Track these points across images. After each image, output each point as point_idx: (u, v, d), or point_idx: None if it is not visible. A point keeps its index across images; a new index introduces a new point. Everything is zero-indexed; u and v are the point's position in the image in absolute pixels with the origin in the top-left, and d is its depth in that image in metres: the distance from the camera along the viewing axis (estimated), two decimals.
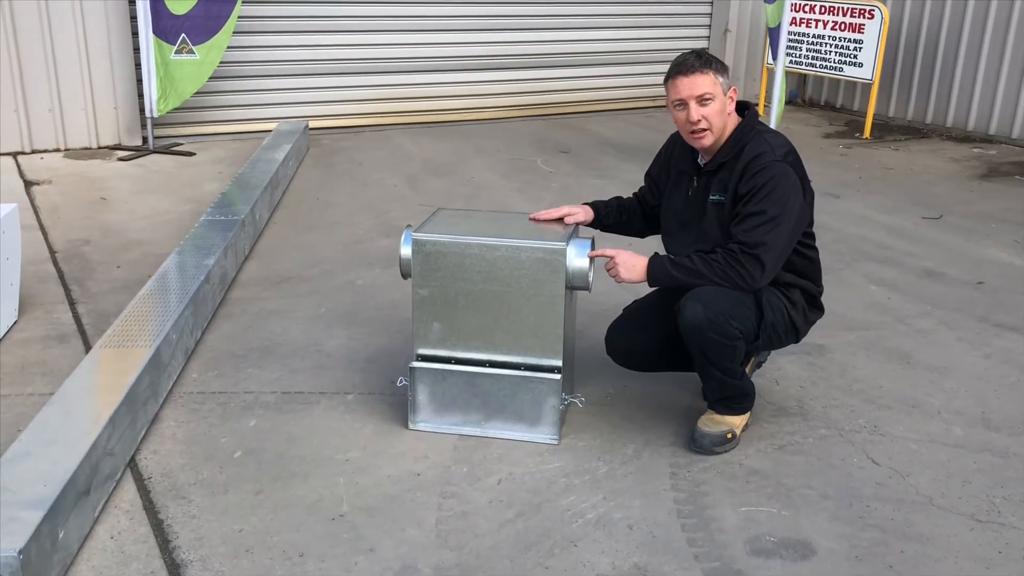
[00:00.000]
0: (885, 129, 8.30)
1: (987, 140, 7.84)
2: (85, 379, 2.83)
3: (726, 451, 2.84)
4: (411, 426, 2.94)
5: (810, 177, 2.83)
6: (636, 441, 2.91)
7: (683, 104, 2.73)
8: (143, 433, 2.86)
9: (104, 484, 2.51)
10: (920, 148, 7.59)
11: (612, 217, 3.13)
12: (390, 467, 2.75)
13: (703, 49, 2.91)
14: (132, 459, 2.75)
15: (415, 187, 6.03)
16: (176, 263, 3.88)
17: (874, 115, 8.07)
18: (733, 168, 2.74)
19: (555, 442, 2.87)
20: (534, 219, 3.00)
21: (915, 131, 8.28)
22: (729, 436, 2.85)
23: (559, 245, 2.76)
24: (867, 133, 7.99)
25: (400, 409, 3.06)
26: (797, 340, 2.91)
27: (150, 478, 2.67)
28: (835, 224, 5.18)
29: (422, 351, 2.92)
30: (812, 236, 2.87)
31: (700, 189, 2.86)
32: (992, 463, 2.82)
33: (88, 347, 3.49)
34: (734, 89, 2.79)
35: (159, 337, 3.09)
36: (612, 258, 2.77)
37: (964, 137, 7.98)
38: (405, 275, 2.92)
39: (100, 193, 5.66)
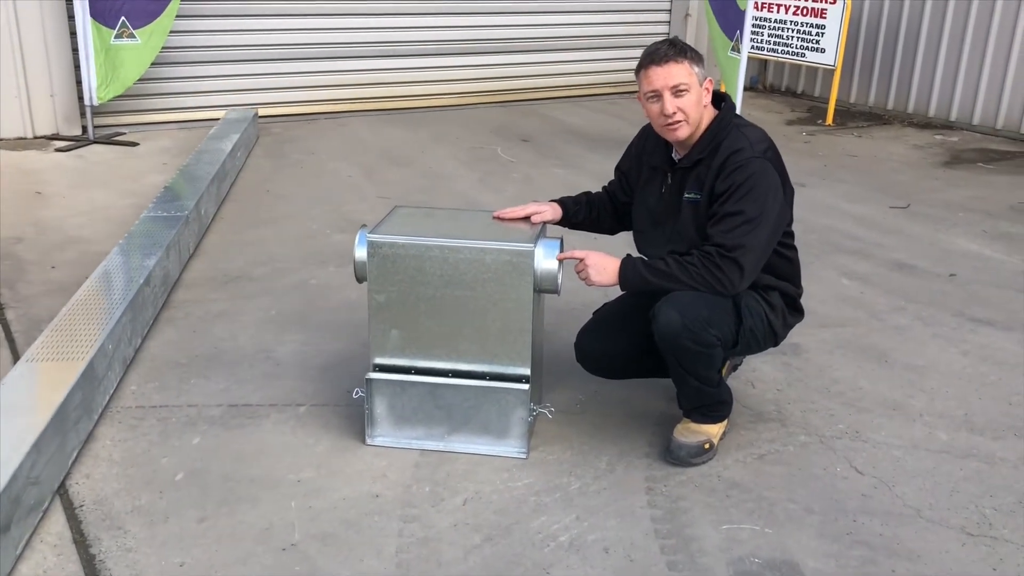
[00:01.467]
0: (847, 115, 8.23)
1: (948, 126, 7.80)
2: (8, 398, 2.57)
3: (704, 462, 2.69)
4: (369, 441, 2.74)
5: None
6: (609, 453, 2.74)
7: (657, 95, 2.55)
8: (74, 455, 2.62)
9: (28, 517, 2.27)
10: (883, 135, 7.52)
11: (581, 214, 2.95)
12: (346, 488, 2.55)
13: (676, 37, 2.72)
14: (62, 485, 2.51)
15: (371, 178, 5.80)
16: (114, 264, 3.63)
17: (836, 101, 7.99)
18: (710, 164, 2.57)
19: (523, 456, 2.69)
20: (498, 217, 2.81)
21: (877, 117, 8.22)
22: (707, 446, 2.69)
23: (526, 246, 2.57)
24: (830, 120, 7.91)
25: (357, 422, 2.86)
26: (776, 344, 2.76)
27: (81, 506, 2.44)
28: (803, 214, 5.02)
29: (379, 360, 2.72)
30: (791, 236, 2.72)
31: (674, 186, 2.69)
32: (978, 470, 2.70)
33: (17, 358, 3.23)
34: (710, 80, 2.62)
35: (93, 348, 2.85)
36: (582, 260, 2.59)
37: (925, 123, 7.93)
38: (360, 279, 2.71)
39: (35, 187, 5.34)
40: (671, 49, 2.55)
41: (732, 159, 2.53)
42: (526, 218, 2.81)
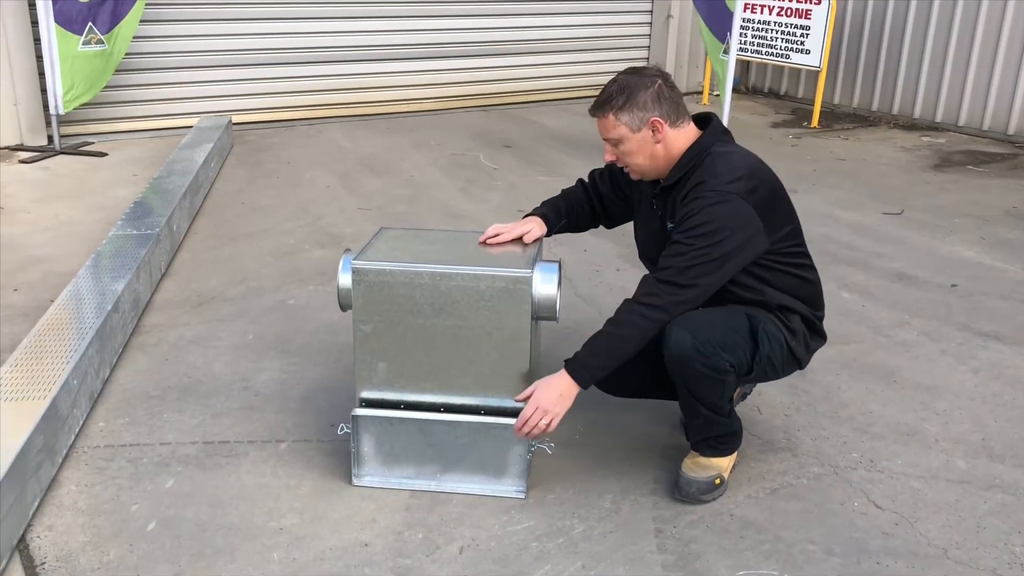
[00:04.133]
0: (832, 117, 8.12)
1: (934, 128, 7.71)
2: None
3: (714, 499, 2.53)
4: (355, 482, 2.56)
5: None
6: (613, 490, 2.57)
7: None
8: (36, 504, 2.42)
9: None
10: (870, 137, 7.42)
11: (564, 223, 2.78)
12: (333, 536, 2.36)
13: (625, 74, 2.47)
14: (22, 539, 2.31)
15: (351, 188, 5.60)
16: (81, 288, 3.41)
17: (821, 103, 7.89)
18: (679, 193, 2.44)
19: (522, 496, 2.51)
20: (487, 243, 2.61)
21: (862, 119, 8.12)
22: (717, 482, 2.53)
23: (524, 272, 2.39)
24: (815, 122, 7.80)
25: (342, 459, 2.67)
26: (801, 368, 2.59)
27: (43, 564, 2.23)
28: None
29: (366, 394, 2.54)
30: (807, 256, 2.56)
31: (658, 211, 2.55)
32: (1004, 502, 2.56)
33: None
34: (654, 121, 2.39)
35: (56, 385, 2.64)
36: (535, 417, 2.34)
37: (911, 125, 7.84)
38: (344, 307, 2.52)
39: None
40: (598, 100, 2.43)
41: (693, 191, 2.38)
42: (517, 239, 2.63)
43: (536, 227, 2.64)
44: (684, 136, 2.45)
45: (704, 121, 2.52)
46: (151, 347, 3.42)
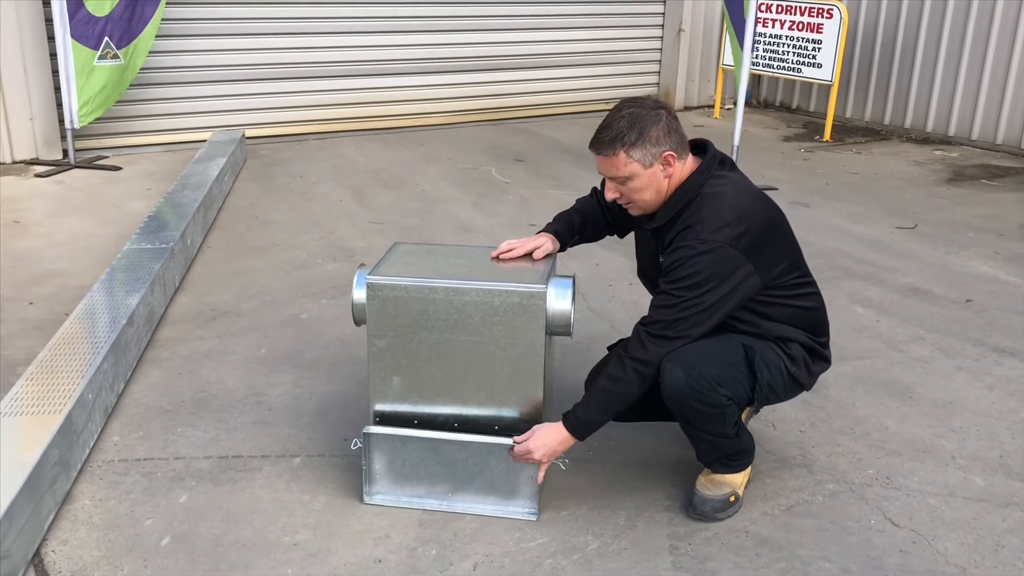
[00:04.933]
0: (844, 131, 8.11)
1: (947, 141, 7.69)
2: None
3: (729, 516, 2.51)
4: (367, 500, 2.55)
5: (776, 184, 2.51)
6: (627, 507, 2.56)
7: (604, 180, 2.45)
8: (51, 519, 2.42)
9: None
10: (882, 151, 7.40)
11: (577, 238, 2.76)
12: (346, 552, 2.35)
13: (628, 107, 2.34)
14: (36, 554, 2.31)
15: (363, 202, 5.62)
16: (95, 302, 3.42)
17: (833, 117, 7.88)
18: (667, 234, 2.40)
19: (533, 518, 2.48)
20: (500, 258, 2.60)
21: (874, 132, 8.11)
22: (732, 499, 2.51)
23: (538, 288, 2.39)
24: (827, 136, 7.79)
25: (355, 475, 2.67)
26: (807, 390, 2.57)
27: None
28: (810, 237, 4.91)
29: (380, 408, 2.54)
30: (809, 284, 2.51)
31: (652, 244, 2.53)
32: (1022, 521, 2.53)
33: None
34: (667, 155, 2.32)
35: (71, 399, 2.65)
36: (527, 450, 2.38)
37: (923, 139, 7.82)
38: (359, 322, 2.52)
39: (13, 215, 5.13)
40: (607, 138, 2.32)
41: (679, 238, 2.33)
42: (528, 255, 2.62)
43: (548, 243, 2.63)
44: (687, 169, 2.40)
45: (699, 148, 2.45)
46: (165, 361, 3.43)
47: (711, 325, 2.31)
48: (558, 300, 2.43)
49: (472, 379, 2.47)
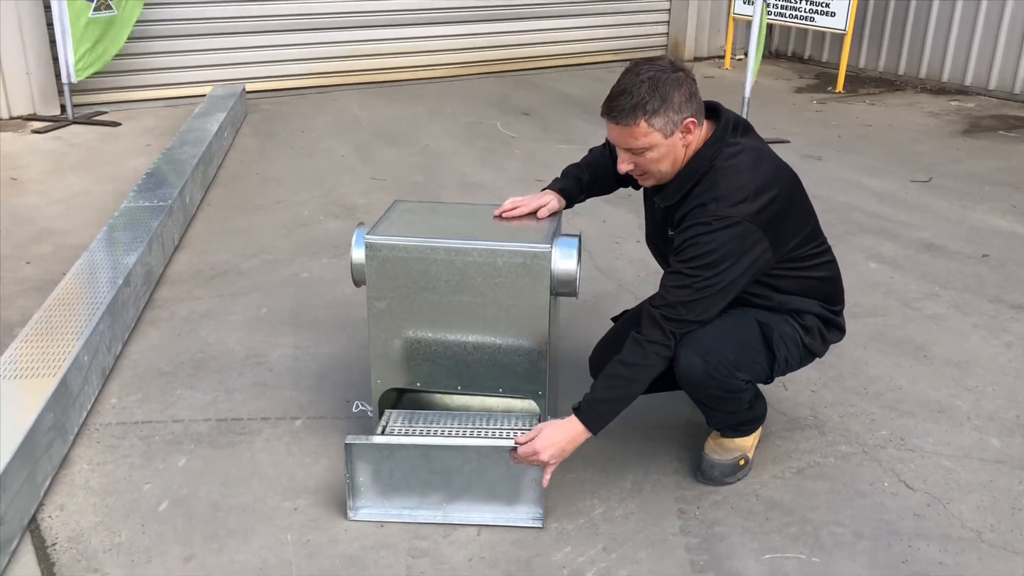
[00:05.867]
0: (857, 81, 7.92)
1: (963, 92, 7.51)
2: None
3: (739, 480, 2.45)
4: (351, 515, 2.29)
5: (788, 137, 2.38)
6: (634, 470, 2.50)
7: (615, 145, 2.25)
8: (47, 484, 2.38)
9: None
10: (896, 102, 7.24)
11: (585, 194, 2.63)
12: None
13: (646, 70, 2.13)
14: (32, 520, 2.27)
15: (365, 157, 5.51)
16: (92, 262, 3.36)
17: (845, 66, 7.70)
18: (679, 209, 2.25)
19: (539, 525, 2.29)
20: (503, 217, 2.50)
21: (888, 83, 7.92)
22: (741, 463, 2.46)
23: (542, 247, 2.31)
24: (840, 87, 7.62)
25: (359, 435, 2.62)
26: (821, 357, 2.49)
27: (55, 544, 2.20)
28: (822, 191, 4.79)
29: (381, 371, 2.47)
30: (824, 252, 2.40)
31: (659, 213, 2.38)
32: None
33: None
34: (689, 122, 2.14)
35: (67, 361, 2.60)
36: (535, 453, 2.15)
37: (939, 89, 7.64)
38: (358, 283, 2.45)
39: (10, 172, 5.05)
40: (627, 104, 2.11)
41: (692, 215, 2.17)
42: (532, 213, 2.53)
43: (554, 201, 2.52)
44: (702, 137, 2.22)
45: (711, 112, 2.26)
46: (164, 322, 3.37)
47: (726, 303, 2.20)
48: (563, 260, 2.34)
49: (475, 342, 2.40)
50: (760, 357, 2.28)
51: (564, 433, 2.16)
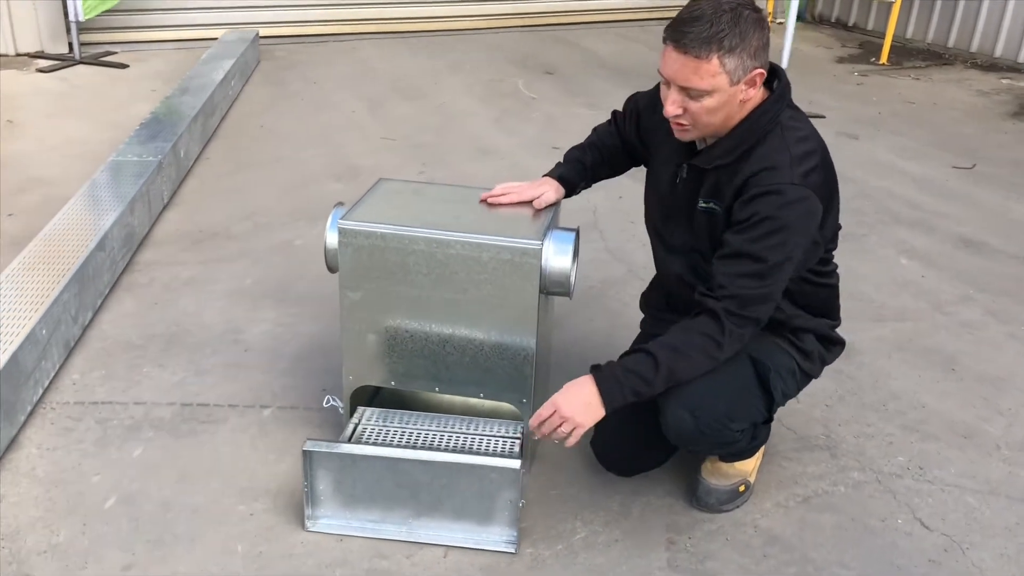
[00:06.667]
0: (903, 53, 7.51)
1: (1016, 69, 7.08)
2: None
3: (737, 507, 2.24)
4: (309, 525, 2.10)
5: (824, 112, 2.12)
6: (623, 490, 2.29)
7: (666, 83, 1.90)
8: None
9: None
10: (943, 77, 6.83)
11: (588, 181, 2.36)
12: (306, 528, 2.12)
13: (726, 2, 1.80)
14: None
15: (377, 114, 5.27)
16: (67, 222, 3.18)
17: (892, 37, 7.28)
18: (736, 171, 1.91)
19: (512, 549, 2.08)
20: (490, 202, 2.26)
21: (936, 56, 7.50)
22: (742, 488, 2.24)
23: (532, 244, 2.07)
24: (884, 58, 7.21)
25: (329, 431, 2.44)
26: (817, 377, 2.24)
27: None
28: (856, 174, 4.48)
29: (352, 367, 2.27)
30: (832, 262, 2.15)
31: (688, 184, 2.04)
32: None
33: None
34: (757, 72, 1.85)
35: (20, 336, 2.42)
36: (553, 413, 1.92)
37: (990, 65, 7.22)
38: (332, 269, 2.24)
39: (7, 114, 4.86)
40: (704, 32, 1.77)
41: (762, 179, 1.87)
42: (523, 202, 2.28)
43: (551, 191, 2.27)
44: (758, 98, 1.93)
45: (770, 74, 1.94)
46: (142, 288, 3.18)
47: (784, 285, 1.94)
48: (556, 257, 2.11)
49: (456, 341, 2.19)
50: (756, 400, 2.05)
51: (582, 393, 1.92)
